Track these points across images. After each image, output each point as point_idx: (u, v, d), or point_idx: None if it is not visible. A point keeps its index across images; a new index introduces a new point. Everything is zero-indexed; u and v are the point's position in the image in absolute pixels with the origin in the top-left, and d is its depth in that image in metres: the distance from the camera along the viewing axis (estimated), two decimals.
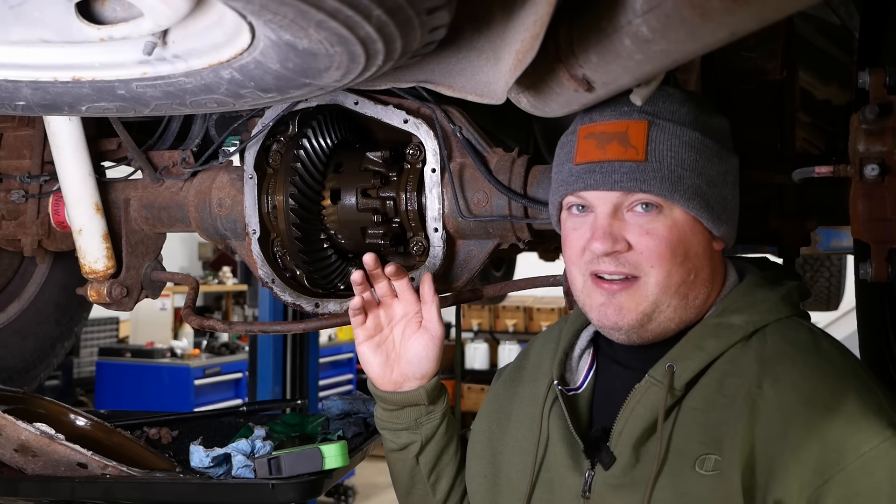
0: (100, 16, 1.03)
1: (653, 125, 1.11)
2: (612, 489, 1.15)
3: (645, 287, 1.13)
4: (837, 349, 1.15)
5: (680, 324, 1.17)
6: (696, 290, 1.16)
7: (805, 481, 1.02)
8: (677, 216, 1.12)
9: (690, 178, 1.11)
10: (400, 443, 1.42)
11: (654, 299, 1.14)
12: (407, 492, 1.46)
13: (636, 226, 1.13)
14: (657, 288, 1.13)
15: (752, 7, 0.71)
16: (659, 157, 1.10)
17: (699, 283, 1.16)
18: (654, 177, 1.10)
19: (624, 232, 1.13)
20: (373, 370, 1.40)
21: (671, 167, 1.10)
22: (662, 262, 1.12)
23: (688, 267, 1.14)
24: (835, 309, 5.46)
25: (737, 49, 1.61)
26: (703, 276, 1.16)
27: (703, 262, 1.16)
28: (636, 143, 1.11)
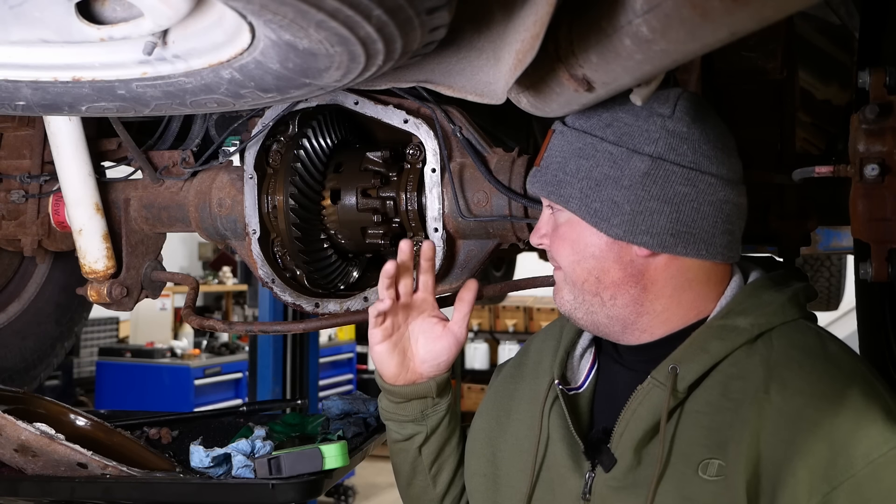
0: (100, 16, 1.03)
1: (557, 133, 1.22)
2: (612, 491, 1.15)
3: (563, 275, 1.23)
4: (845, 352, 1.14)
5: (610, 319, 1.20)
6: (608, 290, 1.18)
7: (813, 488, 1.01)
8: (569, 217, 1.20)
9: (570, 181, 1.17)
10: (404, 434, 1.41)
11: (570, 289, 1.22)
12: (408, 483, 1.46)
13: (550, 224, 1.24)
14: (569, 279, 1.22)
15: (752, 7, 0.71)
16: (548, 163, 1.21)
17: (609, 284, 1.18)
18: (541, 180, 1.21)
19: (545, 228, 1.25)
20: (389, 370, 1.38)
21: (554, 171, 1.19)
22: (563, 259, 1.22)
23: (585, 267, 1.19)
24: (835, 309, 5.46)
25: (737, 49, 1.61)
26: (613, 280, 1.17)
27: (605, 265, 1.17)
28: (542, 149, 1.24)
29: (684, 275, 1.18)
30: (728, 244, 1.17)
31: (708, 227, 1.14)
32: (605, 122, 1.16)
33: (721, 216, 1.15)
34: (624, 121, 1.15)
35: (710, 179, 1.14)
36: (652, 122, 1.14)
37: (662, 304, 1.18)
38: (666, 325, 1.19)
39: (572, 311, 1.24)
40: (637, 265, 1.17)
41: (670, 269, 1.17)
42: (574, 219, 1.18)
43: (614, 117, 1.16)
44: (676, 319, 1.19)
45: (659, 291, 1.18)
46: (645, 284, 1.17)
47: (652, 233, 1.14)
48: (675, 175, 1.13)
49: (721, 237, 1.16)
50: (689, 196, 1.13)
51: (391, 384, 1.39)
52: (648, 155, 1.12)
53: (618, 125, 1.15)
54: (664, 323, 1.19)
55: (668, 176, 1.13)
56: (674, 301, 1.18)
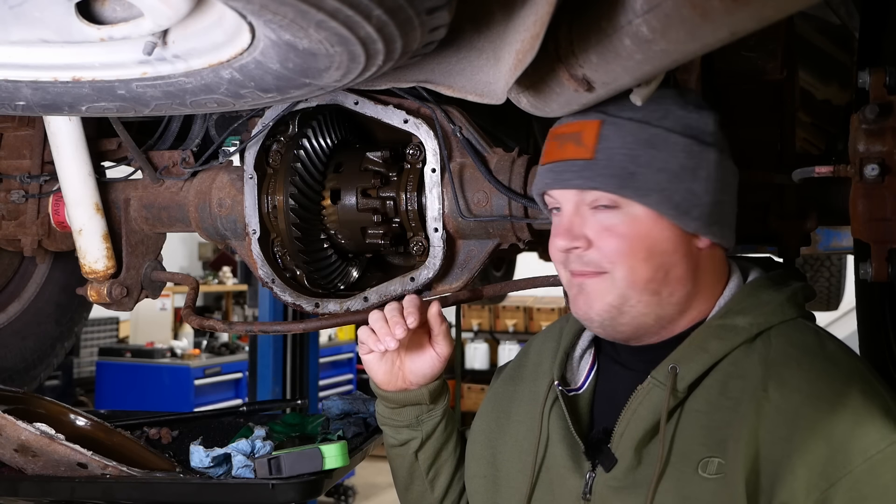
0: (100, 16, 1.03)
1: (607, 123, 1.13)
2: (613, 491, 1.15)
3: (611, 280, 1.15)
4: (843, 351, 1.14)
5: (658, 319, 1.17)
6: (669, 286, 1.15)
7: (811, 484, 1.02)
8: (637, 212, 1.12)
9: (645, 173, 1.11)
10: (400, 439, 1.42)
11: (621, 292, 1.14)
12: (406, 487, 1.46)
13: (596, 223, 1.14)
14: (623, 282, 1.14)
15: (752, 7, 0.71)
16: (608, 155, 1.12)
17: (672, 280, 1.15)
18: (601, 173, 1.12)
19: (584, 229, 1.15)
20: (378, 377, 1.41)
21: (622, 164, 1.11)
22: (623, 259, 1.13)
23: (654, 263, 1.13)
24: (835, 309, 5.46)
25: (737, 49, 1.60)
26: (678, 274, 1.15)
27: (675, 259, 1.14)
28: (587, 141, 1.13)
29: (718, 266, 1.20)
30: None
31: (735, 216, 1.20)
32: (659, 114, 1.13)
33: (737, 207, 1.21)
34: (676, 112, 1.13)
35: (737, 170, 1.19)
36: (703, 115, 1.15)
37: (702, 298, 1.19)
38: (689, 321, 1.19)
39: (616, 316, 1.16)
40: (696, 258, 1.17)
41: (713, 260, 1.19)
42: (640, 214, 1.12)
43: (665, 108, 1.13)
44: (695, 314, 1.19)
45: (704, 284, 1.18)
46: (698, 278, 1.17)
47: (722, 223, 1.16)
48: (730, 167, 1.17)
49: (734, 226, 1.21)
50: (734, 187, 1.18)
51: (383, 390, 1.41)
52: (715, 146, 1.14)
53: (674, 116, 1.13)
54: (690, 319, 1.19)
55: (728, 167, 1.16)
56: (709, 294, 1.19)
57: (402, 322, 1.32)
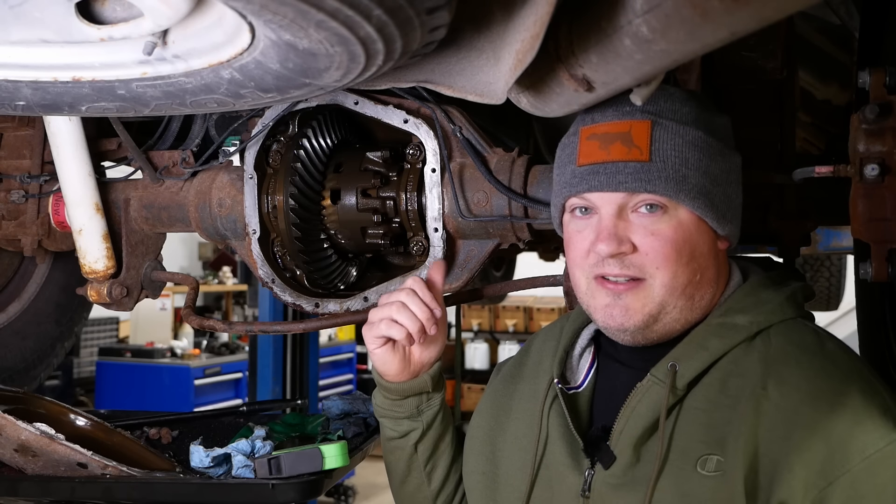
0: (100, 16, 1.03)
1: (656, 125, 1.10)
2: (612, 488, 1.15)
3: (651, 288, 1.13)
4: (842, 350, 1.14)
5: (685, 324, 1.17)
6: (702, 290, 1.16)
7: (809, 483, 1.02)
8: (682, 216, 1.12)
9: (695, 177, 1.10)
10: (400, 430, 1.42)
11: (661, 300, 1.13)
12: (402, 481, 1.46)
13: (641, 227, 1.12)
14: (663, 289, 1.13)
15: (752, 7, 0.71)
16: (663, 157, 1.09)
17: (705, 283, 1.16)
18: (659, 177, 1.09)
19: (629, 233, 1.12)
20: (393, 368, 1.37)
21: (676, 167, 1.09)
22: (668, 264, 1.12)
23: (693, 267, 1.13)
24: (835, 309, 5.47)
25: (737, 49, 1.61)
26: (709, 276, 1.16)
27: (708, 262, 1.16)
28: (640, 143, 1.10)
29: (726, 265, 1.22)
30: None
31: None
32: (692, 116, 1.12)
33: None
34: (703, 115, 1.13)
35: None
36: (722, 118, 1.17)
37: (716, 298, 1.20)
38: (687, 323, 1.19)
39: (652, 323, 1.14)
40: (718, 260, 1.18)
41: (725, 260, 1.21)
42: (685, 217, 1.12)
43: (694, 111, 1.13)
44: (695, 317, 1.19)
45: (719, 283, 1.20)
46: (718, 279, 1.19)
47: (740, 227, 1.18)
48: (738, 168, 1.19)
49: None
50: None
51: (392, 382, 1.39)
52: (736, 150, 1.16)
53: (703, 119, 1.13)
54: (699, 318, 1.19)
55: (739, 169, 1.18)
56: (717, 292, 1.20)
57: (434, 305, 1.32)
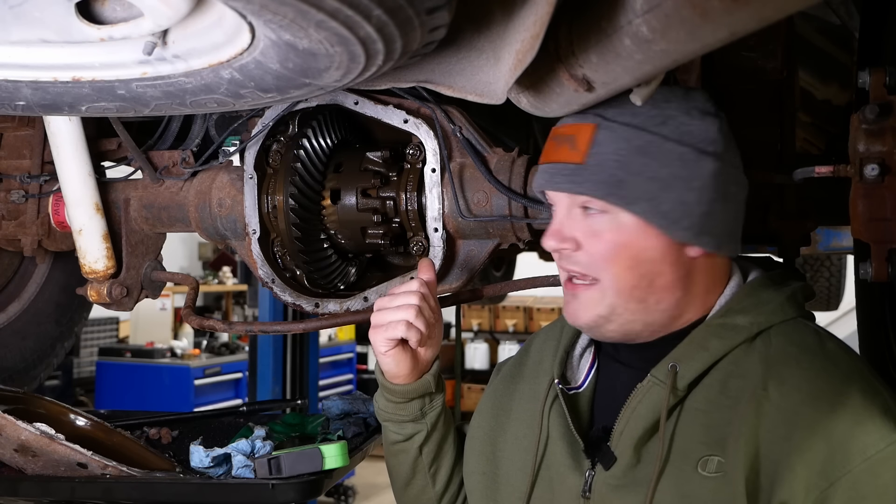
0: (100, 16, 1.03)
1: (602, 128, 1.12)
2: (612, 489, 1.15)
3: (601, 290, 1.15)
4: (843, 350, 1.14)
5: (647, 325, 1.17)
6: (656, 295, 1.15)
7: (810, 483, 1.02)
8: (624, 220, 1.12)
9: (635, 182, 1.10)
10: (405, 433, 1.41)
11: (609, 302, 1.15)
12: (406, 484, 1.46)
13: (585, 226, 1.15)
14: (610, 291, 1.15)
15: (752, 7, 0.71)
16: (599, 160, 1.11)
17: (659, 288, 1.15)
18: (590, 179, 1.11)
19: (574, 231, 1.16)
20: (403, 371, 1.36)
21: (611, 170, 1.10)
22: (608, 265, 1.14)
23: (640, 272, 1.13)
24: (835, 309, 5.46)
25: (737, 49, 1.60)
26: (665, 283, 1.14)
27: (662, 268, 1.14)
28: (581, 145, 1.13)
29: (715, 273, 1.19)
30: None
31: (741, 225, 1.19)
32: (658, 120, 1.11)
33: (744, 214, 1.20)
34: (678, 119, 1.12)
35: (744, 179, 1.18)
36: (707, 122, 1.13)
37: (696, 305, 1.18)
38: (683, 323, 1.19)
39: (603, 323, 1.17)
40: (686, 266, 1.16)
41: (707, 268, 1.18)
42: (627, 221, 1.12)
43: (665, 114, 1.12)
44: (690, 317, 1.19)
45: (696, 291, 1.18)
46: (688, 286, 1.17)
47: (714, 233, 1.14)
48: (730, 175, 1.15)
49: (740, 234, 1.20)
50: (738, 196, 1.17)
51: (400, 384, 1.38)
52: (713, 155, 1.12)
53: (673, 123, 1.12)
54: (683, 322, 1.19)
55: (727, 176, 1.14)
56: (702, 300, 1.19)
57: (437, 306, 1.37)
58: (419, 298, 1.32)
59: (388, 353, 1.34)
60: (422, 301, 1.32)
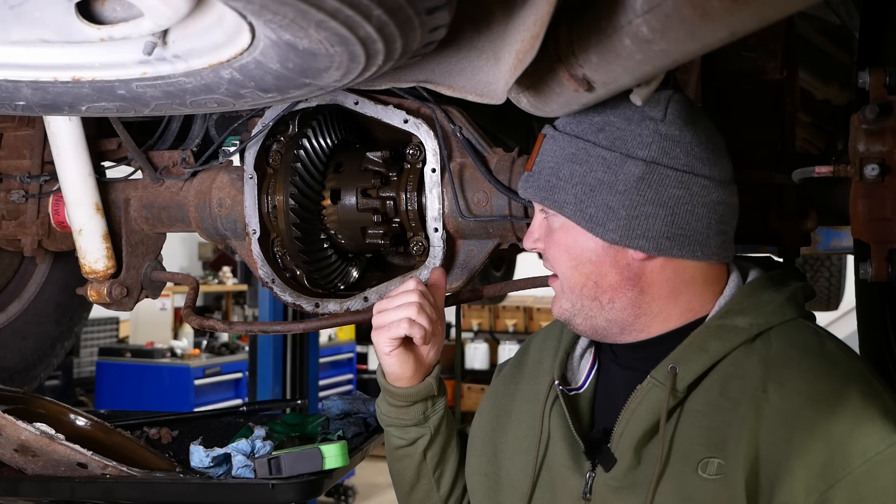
0: (100, 16, 1.03)
1: (548, 138, 1.22)
2: (612, 491, 1.15)
3: (560, 283, 1.24)
4: (843, 351, 1.14)
5: (610, 323, 1.20)
6: (606, 294, 1.19)
7: (810, 485, 1.02)
8: (564, 222, 1.19)
9: (563, 187, 1.17)
10: (409, 438, 1.41)
11: (568, 296, 1.22)
12: (411, 488, 1.45)
13: (545, 229, 1.24)
14: (566, 286, 1.22)
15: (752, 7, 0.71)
16: (540, 168, 1.21)
17: (607, 288, 1.18)
18: (534, 185, 1.21)
19: (539, 233, 1.25)
20: (407, 371, 1.36)
21: (547, 177, 1.19)
22: (559, 265, 1.22)
23: (583, 272, 1.19)
24: (835, 309, 5.46)
25: (737, 49, 1.60)
26: (610, 282, 1.17)
27: (602, 269, 1.17)
28: (533, 154, 1.24)
29: (680, 276, 1.18)
30: (722, 244, 1.18)
31: (702, 228, 1.15)
32: (597, 127, 1.16)
33: (715, 217, 1.16)
34: (616, 125, 1.15)
35: (703, 181, 1.14)
36: (644, 127, 1.14)
37: (659, 305, 1.19)
38: (664, 323, 1.20)
39: (571, 317, 1.24)
40: (633, 268, 1.17)
41: (666, 271, 1.18)
42: (569, 224, 1.18)
43: (606, 122, 1.16)
44: (674, 319, 1.19)
45: (656, 293, 1.18)
46: (642, 287, 1.18)
47: (648, 237, 1.14)
48: (668, 179, 1.13)
49: (715, 238, 1.17)
50: (683, 199, 1.14)
51: (403, 387, 1.38)
52: (642, 159, 1.13)
53: (610, 130, 1.15)
54: (662, 322, 1.20)
55: (661, 180, 1.13)
56: (671, 301, 1.19)
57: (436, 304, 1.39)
58: (419, 296, 1.33)
59: (392, 353, 1.34)
60: (422, 298, 1.33)
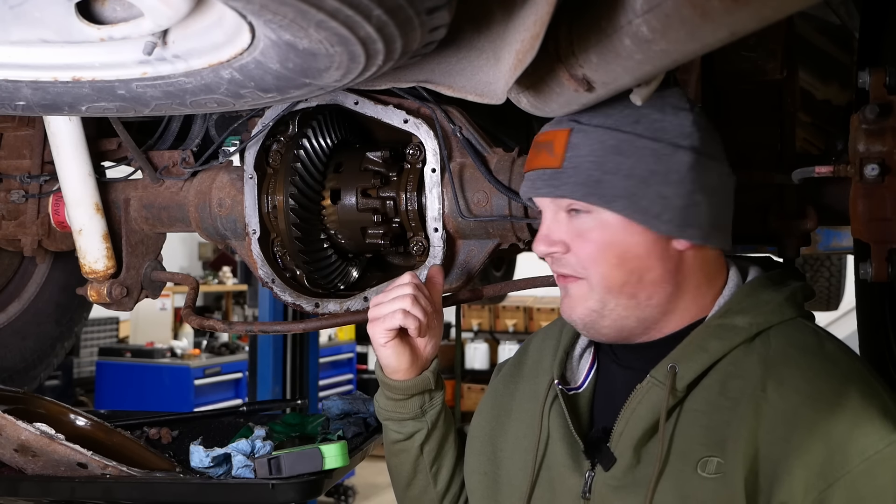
0: (100, 16, 1.03)
1: (576, 132, 1.15)
2: (612, 490, 1.15)
3: (589, 287, 1.17)
4: (842, 351, 1.14)
5: (641, 321, 1.18)
6: (646, 290, 1.16)
7: (809, 485, 1.02)
8: (606, 218, 1.14)
9: (611, 180, 1.12)
10: (406, 432, 1.42)
11: (599, 298, 1.17)
12: (408, 484, 1.46)
13: (571, 229, 1.17)
14: (599, 287, 1.17)
15: (752, 7, 0.71)
16: (575, 163, 1.14)
17: (649, 283, 1.16)
18: (567, 182, 1.14)
19: (561, 234, 1.18)
20: (403, 363, 1.37)
21: (588, 171, 1.13)
22: (596, 265, 1.16)
23: (627, 268, 1.15)
24: (835, 309, 5.46)
25: (737, 49, 1.60)
26: (653, 277, 1.16)
27: (649, 263, 1.15)
28: (558, 150, 1.16)
29: (707, 266, 1.20)
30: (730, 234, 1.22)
31: (729, 216, 1.20)
32: (632, 119, 1.13)
33: (732, 206, 1.20)
34: (651, 116, 1.14)
35: (728, 170, 1.19)
36: (682, 117, 1.15)
37: (688, 299, 1.19)
38: (678, 322, 1.19)
39: (596, 319, 1.19)
40: (674, 260, 1.17)
41: (698, 262, 1.19)
42: (610, 219, 1.14)
43: (640, 113, 1.14)
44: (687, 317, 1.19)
45: (688, 285, 1.19)
46: (679, 280, 1.18)
47: (698, 225, 1.15)
48: (710, 167, 1.16)
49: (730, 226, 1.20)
50: (719, 187, 1.17)
51: (399, 380, 1.38)
52: (690, 148, 1.13)
53: (647, 121, 1.13)
54: (677, 320, 1.19)
55: (705, 168, 1.15)
56: (697, 294, 1.19)
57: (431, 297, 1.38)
58: (413, 288, 1.34)
59: (388, 344, 1.35)
60: (416, 290, 1.34)
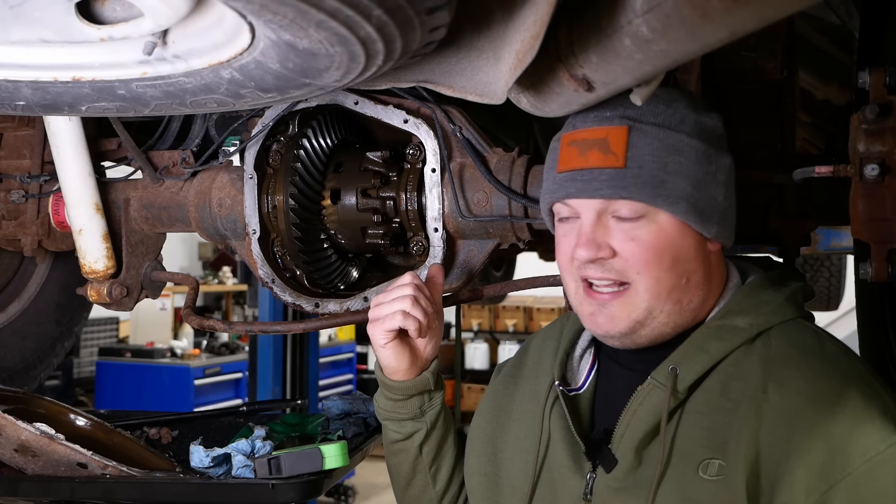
0: (100, 16, 1.03)
1: (634, 130, 1.10)
2: (613, 492, 1.15)
3: (635, 295, 1.13)
4: (842, 351, 1.14)
5: (675, 328, 1.17)
6: (690, 293, 1.15)
7: (811, 486, 1.02)
8: (662, 221, 1.11)
9: (674, 181, 1.09)
10: (405, 432, 1.41)
11: (647, 306, 1.13)
12: (407, 483, 1.46)
13: (620, 232, 1.12)
14: (647, 294, 1.12)
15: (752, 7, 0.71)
16: (639, 163, 1.09)
17: (693, 286, 1.15)
18: (634, 182, 1.09)
19: (608, 238, 1.13)
20: (403, 364, 1.36)
21: (652, 172, 1.09)
22: (649, 269, 1.11)
23: (678, 272, 1.12)
24: (835, 309, 5.46)
25: (737, 49, 1.61)
26: (697, 280, 1.15)
27: (695, 266, 1.14)
28: (616, 149, 1.10)
29: (722, 267, 1.21)
30: None
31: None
32: (677, 118, 1.11)
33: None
34: (690, 116, 1.12)
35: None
36: (712, 118, 1.15)
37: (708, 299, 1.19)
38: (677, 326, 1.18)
39: (640, 326, 1.14)
40: (709, 262, 1.17)
41: (718, 263, 1.20)
42: (666, 222, 1.11)
43: (680, 113, 1.12)
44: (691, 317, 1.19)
45: (712, 287, 1.19)
46: (710, 282, 1.18)
47: (731, 227, 1.17)
48: (733, 169, 1.17)
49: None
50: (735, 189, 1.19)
51: (399, 380, 1.38)
52: (727, 151, 1.15)
53: (689, 121, 1.12)
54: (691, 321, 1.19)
55: (733, 171, 1.16)
56: (712, 295, 1.19)
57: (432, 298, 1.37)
58: (413, 289, 1.33)
59: (387, 345, 1.34)
60: (416, 291, 1.33)
